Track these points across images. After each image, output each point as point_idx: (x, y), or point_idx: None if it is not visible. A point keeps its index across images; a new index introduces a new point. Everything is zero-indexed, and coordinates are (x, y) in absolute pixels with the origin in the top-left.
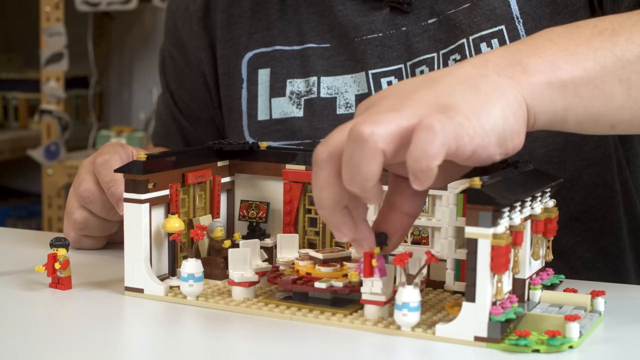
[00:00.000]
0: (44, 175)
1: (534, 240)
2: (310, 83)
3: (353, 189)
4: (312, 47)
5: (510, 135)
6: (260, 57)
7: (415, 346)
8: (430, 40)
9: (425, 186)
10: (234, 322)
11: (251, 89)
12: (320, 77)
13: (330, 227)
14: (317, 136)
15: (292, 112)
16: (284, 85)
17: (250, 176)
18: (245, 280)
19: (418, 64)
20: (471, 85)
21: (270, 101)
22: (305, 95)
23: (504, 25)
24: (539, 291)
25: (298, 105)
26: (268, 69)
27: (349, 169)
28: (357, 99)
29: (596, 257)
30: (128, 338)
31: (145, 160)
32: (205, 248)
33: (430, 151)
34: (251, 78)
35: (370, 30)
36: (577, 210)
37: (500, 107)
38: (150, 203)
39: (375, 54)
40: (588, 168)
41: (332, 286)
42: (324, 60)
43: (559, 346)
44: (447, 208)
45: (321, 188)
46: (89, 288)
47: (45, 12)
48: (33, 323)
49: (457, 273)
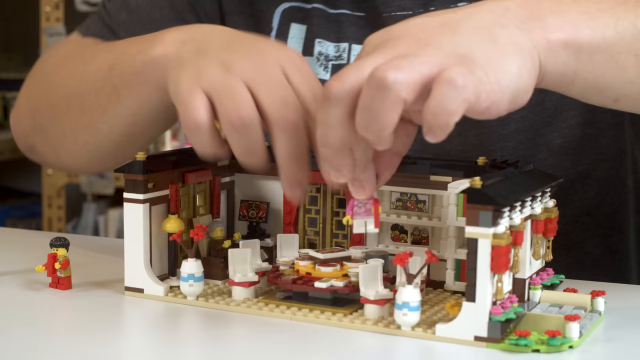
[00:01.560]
0: (44, 175)
1: (534, 240)
2: (340, 49)
3: (367, 135)
4: (346, 13)
5: (521, 92)
6: (297, 12)
7: (415, 346)
8: None
9: (439, 139)
10: (234, 322)
11: (279, 39)
12: (351, 44)
13: (328, 167)
14: None
15: (319, 74)
16: (313, 45)
17: (250, 176)
18: (245, 280)
19: None
20: (490, 35)
21: None
22: (334, 60)
23: None
24: (539, 291)
25: (325, 67)
26: (304, 26)
27: (366, 116)
28: None
29: (604, 254)
30: (128, 338)
31: (145, 160)
32: (205, 248)
33: (451, 107)
34: (282, 30)
35: (399, 7)
36: (589, 204)
37: (517, 64)
38: (150, 203)
39: None
40: (603, 162)
41: (332, 286)
42: (357, 29)
43: (559, 346)
44: (447, 208)
45: (330, 126)
46: (89, 288)
47: (45, 12)
48: (33, 323)
49: (457, 273)
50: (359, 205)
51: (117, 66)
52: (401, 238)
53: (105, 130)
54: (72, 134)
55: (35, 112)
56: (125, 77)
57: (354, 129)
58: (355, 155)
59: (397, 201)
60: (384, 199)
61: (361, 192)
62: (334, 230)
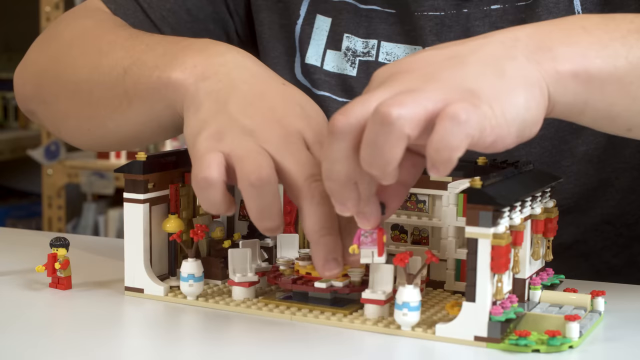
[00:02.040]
0: (44, 175)
1: (534, 240)
2: (369, 45)
3: (371, 170)
4: (376, 9)
5: (530, 125)
6: (323, 3)
7: (415, 346)
8: (491, 26)
9: (442, 174)
10: (234, 322)
11: (305, 28)
12: (381, 41)
13: (333, 200)
14: None
15: (346, 70)
16: (341, 39)
17: None
18: (245, 280)
19: None
20: (497, 68)
21: (325, 51)
22: (362, 56)
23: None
24: (539, 291)
25: (352, 63)
26: (329, 19)
27: (370, 151)
28: None
29: (623, 264)
30: (128, 338)
31: (146, 160)
32: (205, 248)
33: (453, 142)
34: (308, 19)
35: (432, 7)
36: (609, 213)
37: (524, 96)
38: (150, 203)
39: (434, 32)
40: (626, 172)
41: (332, 286)
42: (387, 25)
43: (559, 346)
44: (447, 208)
45: (335, 160)
46: (89, 288)
47: (45, 12)
48: (33, 323)
49: (457, 273)
50: (366, 235)
51: (133, 72)
52: (401, 238)
53: (112, 127)
54: (76, 119)
55: (40, 82)
56: (139, 88)
57: (359, 163)
58: (360, 189)
59: None
60: None
61: (366, 224)
62: None
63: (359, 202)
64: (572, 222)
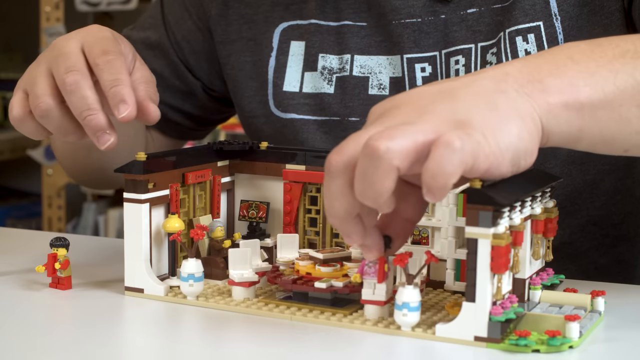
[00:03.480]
0: (44, 175)
1: (534, 240)
2: (343, 60)
3: (366, 202)
4: (348, 24)
5: (523, 154)
6: (295, 29)
7: (415, 346)
8: (468, 30)
9: (438, 200)
10: (234, 322)
11: (280, 58)
12: (354, 55)
13: (340, 233)
14: (346, 114)
15: (323, 88)
16: (316, 60)
17: (250, 176)
18: (245, 280)
19: (454, 53)
20: (489, 101)
21: (303, 75)
22: (338, 73)
23: (542, 22)
24: (539, 291)
25: (329, 81)
26: (303, 42)
27: (362, 184)
28: (392, 82)
29: (610, 264)
30: (128, 338)
31: (145, 160)
32: (205, 248)
33: (448, 169)
34: (282, 48)
35: (408, 14)
36: (596, 214)
37: (517, 126)
38: (150, 203)
39: (412, 39)
40: (611, 173)
41: (332, 286)
42: (359, 39)
43: (559, 346)
44: (447, 208)
45: (334, 198)
46: (89, 288)
47: (45, 12)
48: (33, 323)
49: (457, 273)
50: (369, 266)
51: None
52: None
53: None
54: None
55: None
56: None
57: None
58: (364, 220)
59: None
60: None
61: (369, 255)
62: (334, 230)
63: (364, 233)
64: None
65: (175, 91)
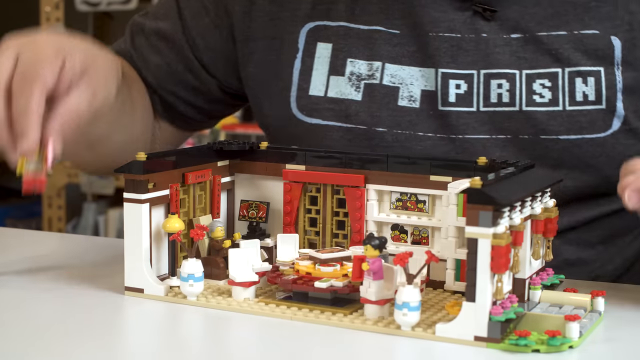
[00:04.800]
0: None
1: (534, 240)
2: (373, 67)
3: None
4: (379, 30)
5: None
6: (323, 31)
7: (415, 346)
8: (512, 55)
9: None
10: (234, 322)
11: (306, 60)
12: (385, 63)
13: None
14: (373, 124)
15: (350, 94)
16: (344, 64)
17: (250, 176)
18: (245, 280)
19: (496, 76)
20: None
21: (329, 78)
22: (366, 79)
23: (602, 68)
24: (539, 291)
25: (357, 88)
26: (330, 45)
27: None
28: (423, 95)
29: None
30: (128, 338)
31: (145, 160)
32: (205, 248)
33: None
34: (308, 50)
35: (448, 28)
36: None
37: None
38: (150, 203)
39: (449, 54)
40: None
41: (332, 286)
42: (390, 47)
43: (559, 346)
44: (447, 208)
45: None
46: (89, 288)
47: (45, 12)
48: (33, 323)
49: (457, 273)
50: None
51: None
52: (401, 238)
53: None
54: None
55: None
56: None
57: None
58: None
59: (397, 201)
60: (384, 199)
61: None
62: (334, 230)
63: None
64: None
65: (188, 86)
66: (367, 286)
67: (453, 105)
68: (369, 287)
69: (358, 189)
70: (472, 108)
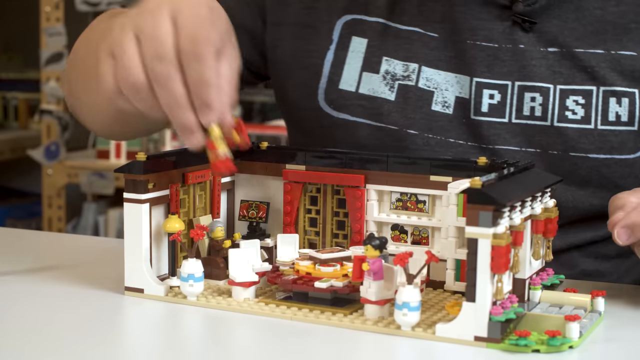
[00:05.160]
0: (44, 175)
1: (534, 240)
2: (409, 69)
3: None
4: (417, 31)
5: None
6: (359, 25)
7: (415, 346)
8: (548, 69)
9: None
10: (234, 322)
11: (339, 53)
12: (421, 65)
13: None
14: (406, 125)
15: (384, 93)
16: (379, 62)
17: (250, 176)
18: (245, 280)
19: (530, 89)
20: None
21: (361, 74)
22: (401, 80)
23: (637, 90)
24: (539, 291)
25: (391, 87)
26: (365, 40)
27: None
28: (457, 102)
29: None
30: (128, 338)
31: (146, 160)
32: (205, 248)
33: None
34: (342, 42)
35: (486, 37)
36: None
37: None
38: (150, 203)
39: (485, 64)
40: None
41: (332, 286)
42: (428, 50)
43: (559, 346)
44: (447, 208)
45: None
46: (89, 288)
47: (45, 12)
48: (33, 323)
49: (457, 273)
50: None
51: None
52: (401, 238)
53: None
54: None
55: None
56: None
57: None
58: None
59: (397, 201)
60: (384, 199)
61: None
62: (334, 230)
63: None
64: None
65: None
66: (367, 286)
67: (485, 115)
68: (369, 287)
69: (358, 189)
70: (504, 119)
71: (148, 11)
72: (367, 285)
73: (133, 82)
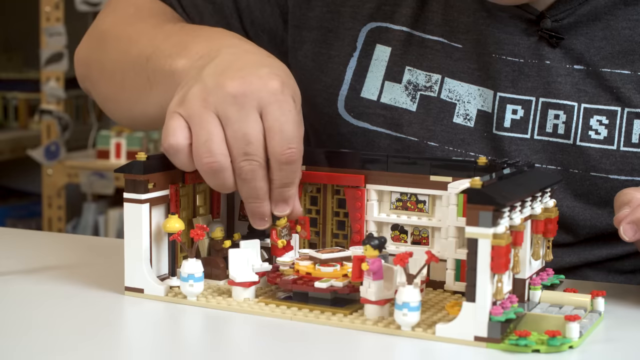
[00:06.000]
0: (44, 175)
1: (534, 240)
2: (432, 79)
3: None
4: (441, 41)
5: None
6: (384, 33)
7: (415, 346)
8: (573, 87)
9: None
10: (234, 322)
11: (362, 61)
12: (444, 77)
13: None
14: (426, 137)
15: (405, 104)
16: (402, 71)
17: None
18: (245, 281)
19: (554, 106)
20: None
21: (384, 83)
22: (423, 91)
23: None
24: (539, 291)
25: (413, 98)
26: (389, 48)
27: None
28: (479, 115)
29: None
30: (128, 338)
31: (146, 160)
32: (205, 248)
33: None
34: (366, 50)
35: (511, 52)
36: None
37: None
38: (150, 203)
39: (510, 78)
40: None
41: (332, 286)
42: (452, 61)
43: (559, 346)
44: (447, 208)
45: None
46: (89, 288)
47: (45, 12)
48: (33, 323)
49: (457, 273)
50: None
51: (152, 61)
52: (401, 238)
53: (139, 111)
54: (113, 102)
55: (87, 65)
56: (156, 75)
57: None
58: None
59: (397, 201)
60: (384, 199)
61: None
62: (334, 230)
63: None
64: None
65: None
66: (367, 286)
67: (507, 131)
68: (369, 287)
69: (358, 189)
70: (527, 135)
71: (231, 96)
72: (367, 285)
73: (216, 169)
